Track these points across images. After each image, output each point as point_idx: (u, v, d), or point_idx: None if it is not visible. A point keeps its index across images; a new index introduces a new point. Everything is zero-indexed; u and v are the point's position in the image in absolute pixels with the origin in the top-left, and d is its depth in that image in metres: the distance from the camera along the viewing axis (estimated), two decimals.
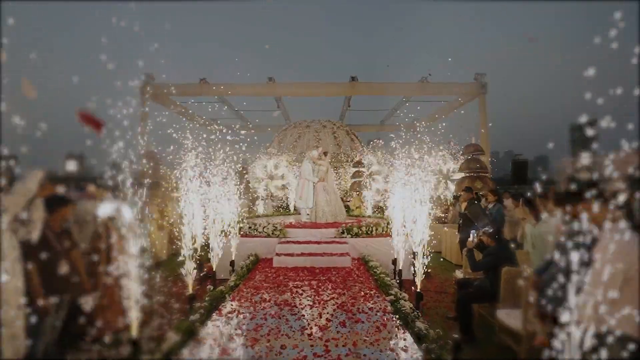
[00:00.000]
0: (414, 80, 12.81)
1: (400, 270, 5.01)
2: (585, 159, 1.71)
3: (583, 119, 1.52)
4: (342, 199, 9.43)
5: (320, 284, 4.88)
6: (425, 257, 3.95)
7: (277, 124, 17.28)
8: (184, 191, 4.27)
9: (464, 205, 6.93)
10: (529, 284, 2.82)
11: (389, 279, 4.80)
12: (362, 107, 16.90)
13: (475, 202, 6.45)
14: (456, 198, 9.00)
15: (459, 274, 5.07)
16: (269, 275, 5.37)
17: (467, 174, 7.95)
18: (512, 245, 4.15)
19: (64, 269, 3.21)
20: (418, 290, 3.84)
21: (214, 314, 3.70)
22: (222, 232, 5.18)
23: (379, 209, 10.88)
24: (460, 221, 6.73)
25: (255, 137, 19.17)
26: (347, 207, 10.12)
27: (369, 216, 9.63)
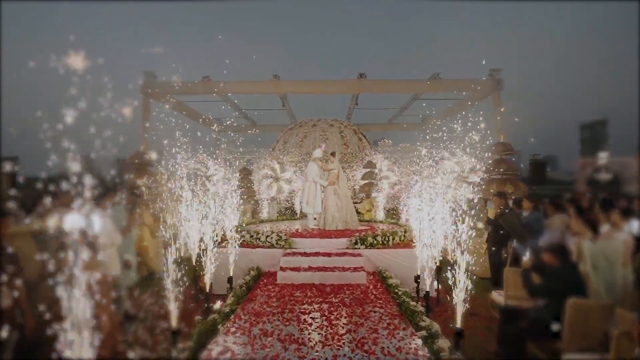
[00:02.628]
0: (424, 77, 12.08)
1: (427, 293, 4.21)
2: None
3: None
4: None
5: (332, 308, 4.11)
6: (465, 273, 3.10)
7: (282, 124, 16.59)
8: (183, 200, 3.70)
9: (491, 212, 6.17)
10: (633, 333, 2.03)
11: (414, 303, 4.02)
12: (370, 105, 16.13)
13: (508, 209, 5.64)
14: (470, 200, 8.19)
15: (497, 296, 4.27)
16: (272, 294, 4.62)
17: (496, 177, 7.10)
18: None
19: (5, 302, 2.51)
20: (458, 325, 3.04)
21: (202, 354, 2.95)
22: (219, 242, 4.54)
23: (391, 212, 10.09)
24: (490, 229, 5.93)
25: (260, 137, 18.52)
26: (357, 211, 9.35)
27: (382, 221, 8.86)
